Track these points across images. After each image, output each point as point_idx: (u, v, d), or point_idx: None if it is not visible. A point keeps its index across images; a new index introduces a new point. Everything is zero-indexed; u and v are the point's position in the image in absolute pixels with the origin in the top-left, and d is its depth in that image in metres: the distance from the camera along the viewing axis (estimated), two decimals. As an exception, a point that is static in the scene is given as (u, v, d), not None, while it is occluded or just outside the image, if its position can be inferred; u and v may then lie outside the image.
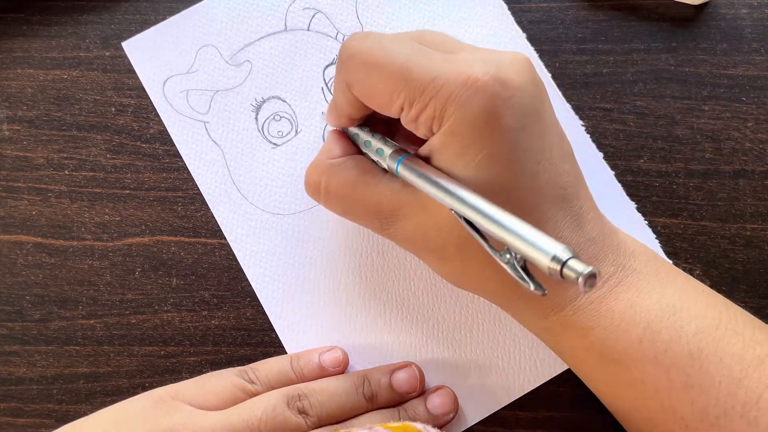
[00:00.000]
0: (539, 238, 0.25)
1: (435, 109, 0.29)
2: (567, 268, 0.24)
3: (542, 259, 0.25)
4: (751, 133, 0.39)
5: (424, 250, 0.33)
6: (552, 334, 0.32)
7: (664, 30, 0.40)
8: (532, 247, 0.25)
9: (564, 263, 0.24)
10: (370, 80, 0.30)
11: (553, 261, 0.24)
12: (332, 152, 0.34)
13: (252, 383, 0.35)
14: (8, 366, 0.38)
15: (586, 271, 0.24)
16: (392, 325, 0.38)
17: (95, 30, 0.41)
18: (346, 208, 0.34)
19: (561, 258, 0.24)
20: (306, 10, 0.41)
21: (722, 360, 0.29)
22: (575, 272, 0.24)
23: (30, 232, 0.39)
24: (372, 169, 0.33)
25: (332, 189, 0.34)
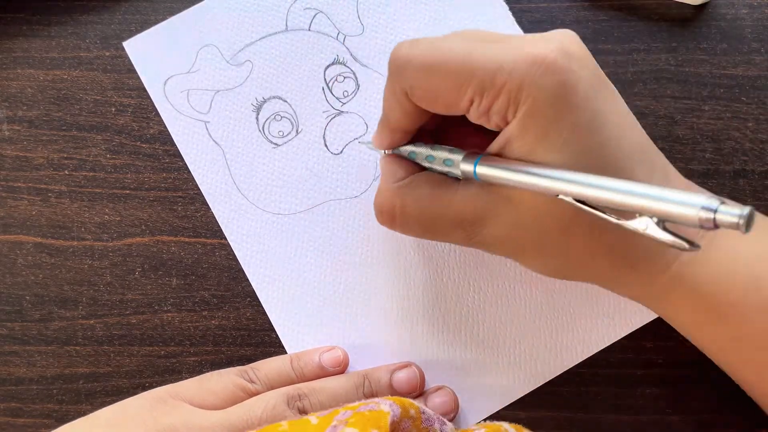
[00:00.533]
0: (677, 194, 0.24)
1: (509, 95, 0.28)
2: (720, 213, 0.23)
3: (691, 213, 0.23)
4: (751, 133, 0.39)
5: (518, 249, 0.32)
6: (658, 299, 0.32)
7: (664, 30, 0.40)
8: (675, 204, 0.24)
9: (716, 210, 0.23)
10: (432, 81, 0.29)
11: (703, 211, 0.23)
12: (396, 175, 0.33)
13: (252, 383, 0.35)
14: (8, 366, 0.38)
15: (746, 212, 0.22)
16: (392, 325, 0.38)
17: (95, 30, 0.41)
18: (426, 226, 0.33)
19: (711, 206, 0.23)
20: (307, 10, 0.41)
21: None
22: (733, 215, 0.22)
23: (30, 232, 0.39)
24: (443, 181, 0.32)
25: (408, 210, 0.33)
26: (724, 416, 0.37)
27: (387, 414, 0.27)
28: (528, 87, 0.28)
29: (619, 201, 0.25)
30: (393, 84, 0.31)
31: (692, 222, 0.23)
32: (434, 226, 0.33)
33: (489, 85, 0.28)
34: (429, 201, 0.32)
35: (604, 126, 0.29)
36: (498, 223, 0.31)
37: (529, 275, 0.38)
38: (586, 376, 0.37)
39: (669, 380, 0.37)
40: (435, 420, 0.31)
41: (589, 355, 0.37)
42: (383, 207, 0.34)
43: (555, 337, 0.37)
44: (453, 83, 0.29)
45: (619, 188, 0.25)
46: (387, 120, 0.33)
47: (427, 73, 0.29)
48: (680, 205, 0.24)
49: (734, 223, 0.22)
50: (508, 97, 0.28)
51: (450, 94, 0.29)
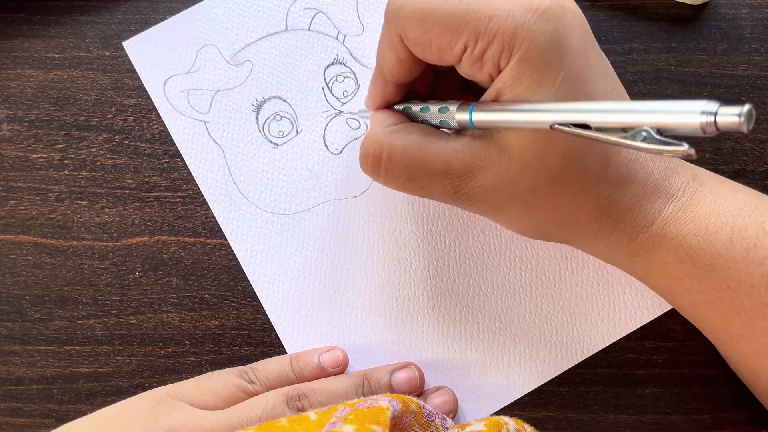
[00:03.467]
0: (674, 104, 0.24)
1: (503, 41, 0.28)
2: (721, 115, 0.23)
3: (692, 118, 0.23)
4: (751, 133, 0.39)
5: (506, 201, 0.31)
6: (642, 255, 0.32)
7: (664, 30, 0.40)
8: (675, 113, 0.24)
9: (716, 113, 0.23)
10: (427, 25, 0.29)
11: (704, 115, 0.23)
12: (388, 121, 0.33)
13: (252, 383, 0.35)
14: (8, 366, 0.38)
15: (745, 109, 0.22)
16: (392, 325, 0.38)
17: (95, 30, 0.41)
18: (413, 174, 0.32)
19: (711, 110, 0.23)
20: (307, 10, 0.41)
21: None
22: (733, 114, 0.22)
23: (30, 232, 0.39)
24: (435, 131, 0.32)
25: (396, 156, 0.32)
26: (724, 416, 0.37)
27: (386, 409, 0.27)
28: (522, 33, 0.28)
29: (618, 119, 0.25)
30: (388, 29, 0.31)
31: (694, 127, 0.23)
32: (421, 175, 0.32)
33: (483, 30, 0.28)
34: (419, 148, 0.32)
35: (593, 78, 0.29)
36: (488, 174, 0.30)
37: (529, 275, 0.38)
38: (586, 376, 0.37)
39: (669, 380, 0.37)
40: (435, 415, 0.31)
41: (589, 355, 0.37)
42: (369, 150, 0.33)
43: (555, 337, 0.37)
44: (447, 27, 0.29)
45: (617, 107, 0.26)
46: (381, 71, 0.33)
47: (423, 17, 0.29)
48: (680, 114, 0.24)
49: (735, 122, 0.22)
50: (502, 43, 0.28)
51: (444, 38, 0.29)
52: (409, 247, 0.38)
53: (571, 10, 0.29)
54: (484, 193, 0.31)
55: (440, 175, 0.31)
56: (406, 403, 0.29)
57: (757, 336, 0.31)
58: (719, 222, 0.31)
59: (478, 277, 0.38)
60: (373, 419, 0.27)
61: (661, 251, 0.31)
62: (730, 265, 0.30)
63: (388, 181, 0.33)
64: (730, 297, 0.31)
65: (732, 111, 0.22)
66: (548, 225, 0.32)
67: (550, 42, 0.28)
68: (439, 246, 0.38)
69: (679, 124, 0.24)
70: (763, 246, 0.30)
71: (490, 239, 0.38)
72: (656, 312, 0.37)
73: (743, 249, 0.30)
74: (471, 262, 0.38)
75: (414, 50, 0.31)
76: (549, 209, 0.31)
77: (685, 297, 0.33)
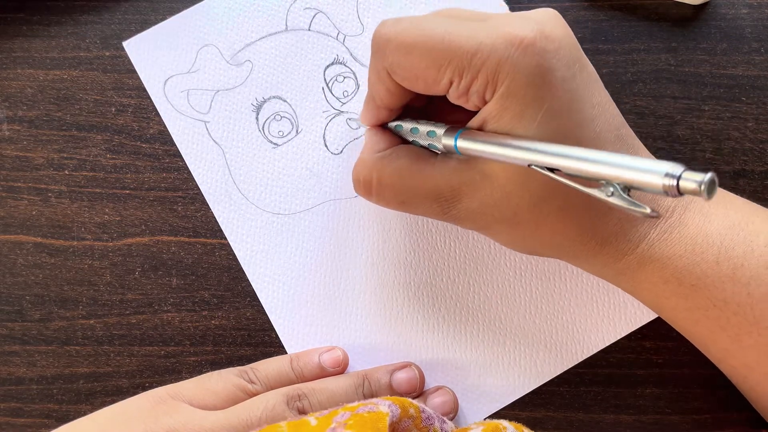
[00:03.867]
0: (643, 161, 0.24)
1: (487, 75, 0.28)
2: (684, 180, 0.23)
3: (654, 180, 0.24)
4: (751, 133, 0.39)
5: (493, 223, 0.32)
6: (628, 275, 0.32)
7: (664, 30, 0.40)
8: (640, 171, 0.24)
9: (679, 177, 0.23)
10: (412, 61, 0.30)
11: (667, 177, 0.23)
12: (378, 146, 0.34)
13: (252, 383, 0.35)
14: (8, 366, 0.38)
15: (707, 178, 0.22)
16: (392, 325, 0.38)
17: (95, 30, 0.41)
18: (403, 198, 0.33)
19: (674, 173, 0.23)
20: (307, 10, 0.41)
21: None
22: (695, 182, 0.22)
23: (30, 232, 0.39)
24: (423, 154, 0.33)
25: (385, 181, 0.33)
26: (724, 416, 0.37)
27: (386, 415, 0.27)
28: (506, 68, 0.28)
29: (586, 169, 0.26)
30: (376, 62, 0.32)
31: (656, 188, 0.24)
32: (410, 198, 0.33)
33: (467, 66, 0.28)
34: (407, 173, 0.32)
35: (580, 107, 0.29)
36: (473, 198, 0.31)
37: (529, 275, 0.38)
38: (586, 376, 0.37)
39: (669, 380, 0.37)
40: (435, 419, 0.31)
41: (589, 355, 0.37)
42: (360, 176, 0.34)
43: (555, 337, 0.37)
44: (432, 63, 0.29)
45: (587, 157, 0.26)
46: (372, 98, 0.34)
47: (407, 53, 0.30)
48: (645, 172, 0.24)
49: (696, 189, 0.23)
50: (486, 78, 0.28)
51: (429, 73, 0.30)
52: (409, 247, 0.38)
53: (555, 39, 0.29)
54: (470, 215, 0.32)
55: (429, 198, 0.32)
56: (405, 407, 0.29)
57: (745, 351, 0.31)
58: (706, 242, 0.31)
59: (478, 277, 0.38)
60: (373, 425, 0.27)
61: (647, 272, 0.31)
62: (717, 285, 0.30)
63: (380, 203, 0.34)
64: (716, 315, 0.31)
65: (695, 178, 0.23)
66: (534, 245, 0.33)
67: (532, 77, 0.28)
68: (439, 246, 0.38)
69: (644, 183, 0.24)
70: (749, 266, 0.30)
71: (490, 239, 0.38)
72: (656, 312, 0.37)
73: (730, 269, 0.30)
74: (471, 262, 0.38)
75: (401, 83, 0.31)
76: (533, 232, 0.32)
77: (672, 314, 0.33)
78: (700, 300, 0.31)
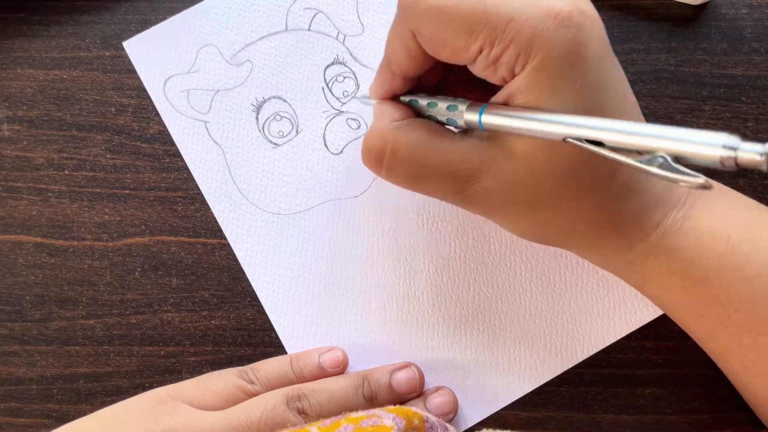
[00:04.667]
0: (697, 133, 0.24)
1: (520, 46, 0.27)
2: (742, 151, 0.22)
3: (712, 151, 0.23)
4: (751, 133, 0.39)
5: (510, 203, 0.31)
6: (636, 265, 0.32)
7: (664, 30, 0.40)
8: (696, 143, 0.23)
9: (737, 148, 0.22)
10: (442, 24, 0.28)
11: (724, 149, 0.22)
12: (393, 115, 0.32)
13: (252, 383, 0.35)
14: (8, 366, 0.38)
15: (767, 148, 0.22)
16: (392, 325, 0.38)
17: (95, 30, 0.41)
18: (417, 172, 0.31)
19: (732, 144, 0.22)
20: (307, 10, 0.41)
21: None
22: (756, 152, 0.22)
23: (30, 232, 0.39)
24: (441, 129, 0.31)
25: (400, 152, 0.31)
26: (724, 416, 0.37)
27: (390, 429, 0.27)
28: (540, 40, 0.27)
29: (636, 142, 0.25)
30: (400, 24, 0.30)
31: (713, 160, 0.23)
32: (425, 174, 0.31)
33: (500, 35, 0.27)
34: (424, 146, 0.31)
35: (607, 88, 0.29)
36: (492, 177, 0.30)
37: (529, 275, 0.38)
38: (586, 376, 0.37)
39: (669, 380, 0.37)
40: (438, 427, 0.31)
41: (589, 355, 0.37)
42: (373, 145, 0.32)
43: (555, 337, 0.37)
44: (464, 28, 0.28)
45: (637, 130, 0.25)
46: (389, 63, 0.32)
47: (438, 15, 0.28)
48: (701, 144, 0.23)
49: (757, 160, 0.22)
50: (519, 49, 0.27)
51: (459, 39, 0.28)
52: (409, 247, 0.38)
53: (590, 16, 0.28)
54: (487, 196, 0.31)
55: (444, 175, 0.31)
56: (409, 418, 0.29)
57: (744, 351, 0.31)
58: (713, 237, 0.30)
59: (478, 277, 0.38)
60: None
61: (655, 263, 0.31)
62: (721, 280, 0.30)
63: (390, 177, 0.32)
64: (718, 312, 0.31)
65: (755, 148, 0.22)
66: (548, 231, 0.32)
67: (567, 51, 0.27)
68: (439, 246, 0.38)
69: (699, 155, 0.23)
70: (755, 262, 0.30)
71: (490, 239, 0.38)
72: (656, 312, 0.37)
73: (735, 265, 0.30)
74: (471, 262, 0.38)
75: (426, 47, 0.30)
76: (550, 216, 0.31)
77: (676, 309, 0.33)
78: (703, 295, 0.31)
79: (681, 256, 0.31)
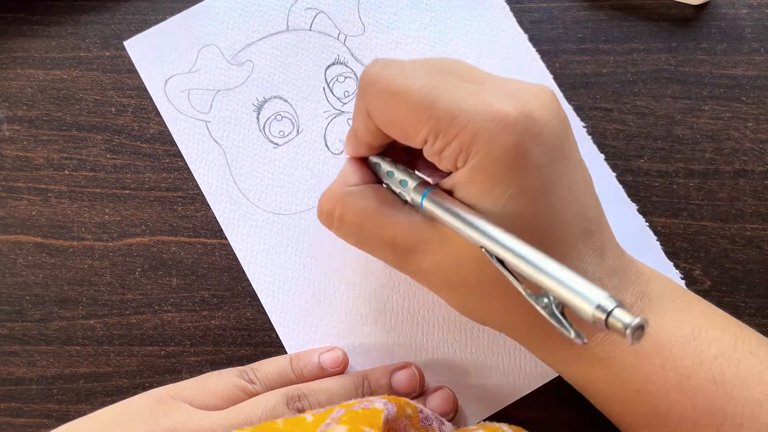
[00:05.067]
0: (581, 284, 0.24)
1: (461, 144, 0.28)
2: (613, 317, 0.23)
3: (586, 308, 0.23)
4: (751, 133, 0.39)
5: (442, 285, 0.32)
6: (574, 367, 0.32)
7: (664, 30, 0.40)
8: (575, 294, 0.24)
9: (609, 313, 0.23)
10: (392, 109, 0.29)
11: (598, 310, 0.23)
12: (349, 180, 0.33)
13: (252, 383, 0.35)
14: (8, 366, 0.38)
15: (635, 323, 0.22)
16: (392, 325, 0.38)
17: (95, 30, 0.41)
18: (360, 238, 0.33)
19: (606, 307, 0.23)
20: (308, 10, 0.41)
21: (745, 383, 0.28)
22: (622, 323, 0.22)
23: (30, 232, 0.39)
24: (390, 199, 0.32)
25: (347, 218, 0.32)
26: (725, 416, 0.37)
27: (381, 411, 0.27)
28: (482, 140, 0.27)
29: (528, 272, 0.26)
30: (359, 100, 0.31)
31: (587, 316, 0.23)
32: (367, 240, 0.33)
33: (444, 129, 0.28)
34: (370, 216, 0.32)
35: (549, 196, 0.28)
36: (426, 258, 0.31)
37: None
38: (587, 376, 0.37)
39: (669, 380, 0.37)
40: (434, 419, 0.31)
41: (590, 355, 0.37)
42: (324, 206, 0.33)
43: (555, 337, 0.37)
44: (410, 117, 0.28)
45: (532, 260, 0.26)
46: (354, 131, 0.33)
47: (389, 100, 0.29)
48: (580, 297, 0.24)
49: (622, 330, 0.22)
50: (460, 145, 0.28)
51: (407, 126, 0.29)
52: (410, 247, 0.38)
53: (540, 122, 0.27)
54: (422, 273, 0.32)
55: (385, 246, 0.32)
56: (402, 406, 0.29)
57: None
58: (655, 349, 0.29)
59: (478, 277, 0.38)
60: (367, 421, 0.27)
61: (594, 369, 0.31)
62: (661, 392, 0.29)
63: (339, 236, 0.34)
64: (658, 424, 0.30)
65: (624, 319, 0.22)
66: (483, 318, 0.32)
67: (506, 156, 0.27)
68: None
69: (576, 307, 0.24)
70: (696, 378, 0.29)
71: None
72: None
73: (675, 379, 0.29)
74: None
75: (380, 126, 0.30)
76: (481, 307, 0.31)
77: (616, 415, 0.33)
78: (644, 405, 0.30)
79: (619, 364, 0.30)
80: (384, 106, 0.29)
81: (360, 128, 0.32)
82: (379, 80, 0.29)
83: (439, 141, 0.28)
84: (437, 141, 0.28)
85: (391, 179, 0.32)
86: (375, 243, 0.32)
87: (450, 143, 0.28)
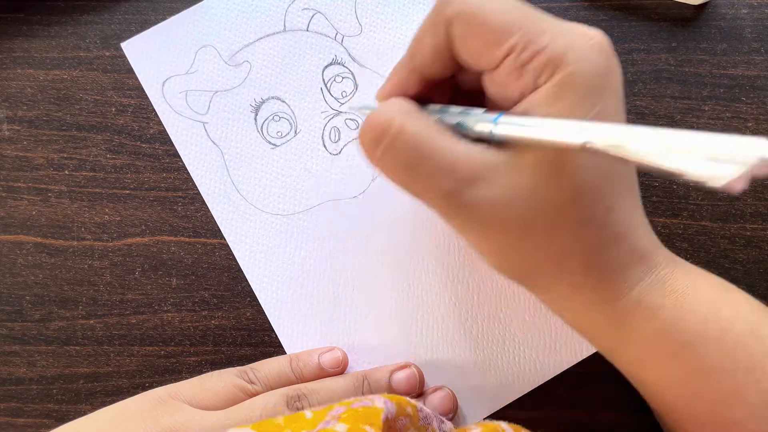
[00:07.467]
0: (729, 138, 0.22)
1: (552, 55, 0.27)
2: None
3: (751, 151, 0.21)
4: (751, 133, 0.39)
5: (499, 222, 0.28)
6: (616, 322, 0.30)
7: (664, 30, 0.40)
8: (731, 144, 0.22)
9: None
10: (480, 18, 0.28)
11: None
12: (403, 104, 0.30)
13: (251, 383, 0.35)
14: (8, 366, 0.38)
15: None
16: (392, 325, 0.38)
17: (95, 30, 0.41)
18: (415, 161, 0.28)
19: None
20: (305, 10, 0.41)
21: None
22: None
23: (30, 232, 0.39)
24: (450, 129, 0.29)
25: (404, 136, 0.28)
26: (724, 417, 0.37)
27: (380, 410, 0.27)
28: (572, 55, 0.27)
29: (669, 143, 0.22)
30: (437, 13, 0.29)
31: (753, 159, 0.21)
32: (422, 165, 0.28)
33: (534, 39, 0.27)
34: (430, 136, 0.28)
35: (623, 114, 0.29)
36: (492, 187, 0.28)
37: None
38: (587, 375, 0.37)
39: (668, 381, 0.37)
40: (433, 418, 0.31)
41: (589, 354, 0.37)
42: (377, 122, 0.29)
43: (555, 337, 0.37)
44: (501, 25, 0.27)
45: (667, 137, 0.23)
46: (411, 58, 0.31)
47: (479, 7, 0.28)
48: (737, 145, 0.22)
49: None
50: (550, 58, 0.27)
51: (493, 35, 0.28)
52: (408, 247, 0.38)
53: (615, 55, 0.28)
54: (479, 206, 0.28)
55: (443, 171, 0.28)
56: (402, 405, 0.29)
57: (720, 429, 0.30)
58: (696, 300, 0.29)
59: (478, 277, 0.38)
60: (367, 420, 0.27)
61: (637, 320, 0.30)
62: (704, 346, 0.29)
63: (384, 161, 0.29)
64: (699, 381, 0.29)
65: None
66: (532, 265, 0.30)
67: (596, 73, 0.27)
68: (439, 245, 0.38)
69: (734, 155, 0.21)
70: (735, 331, 0.29)
71: (489, 239, 0.38)
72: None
73: (717, 331, 0.29)
74: (471, 261, 0.38)
75: (457, 41, 0.29)
76: (539, 246, 0.29)
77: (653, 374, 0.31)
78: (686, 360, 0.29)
79: (663, 314, 0.29)
80: (472, 16, 0.28)
81: (424, 48, 0.30)
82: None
83: (526, 51, 0.27)
84: (524, 51, 0.27)
85: (447, 113, 0.30)
86: (430, 168, 0.28)
87: (540, 53, 0.27)
